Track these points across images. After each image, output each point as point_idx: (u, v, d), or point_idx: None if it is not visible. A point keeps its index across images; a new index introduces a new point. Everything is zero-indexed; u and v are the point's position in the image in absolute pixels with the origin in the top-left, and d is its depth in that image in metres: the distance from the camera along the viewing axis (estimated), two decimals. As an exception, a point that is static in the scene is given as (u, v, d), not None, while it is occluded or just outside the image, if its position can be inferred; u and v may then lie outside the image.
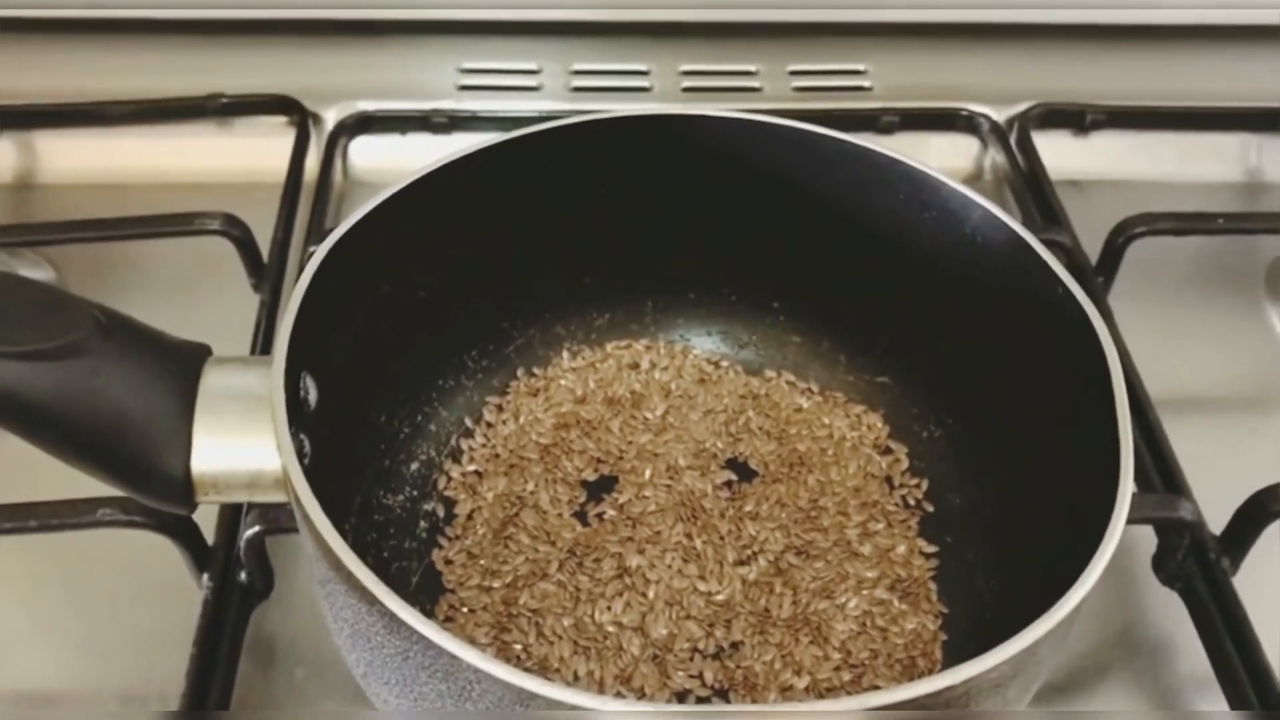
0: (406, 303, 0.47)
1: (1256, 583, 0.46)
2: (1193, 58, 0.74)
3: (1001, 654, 0.31)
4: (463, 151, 0.46)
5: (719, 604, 0.45)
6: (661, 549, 0.47)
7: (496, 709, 0.30)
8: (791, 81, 0.73)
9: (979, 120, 0.70)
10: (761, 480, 0.50)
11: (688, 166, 0.49)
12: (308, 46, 0.72)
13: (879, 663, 0.44)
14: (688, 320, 0.55)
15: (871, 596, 0.45)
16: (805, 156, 0.48)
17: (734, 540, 0.47)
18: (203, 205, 0.57)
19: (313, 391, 0.40)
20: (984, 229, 0.44)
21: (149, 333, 0.37)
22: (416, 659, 0.32)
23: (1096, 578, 0.33)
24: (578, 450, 0.50)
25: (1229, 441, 0.55)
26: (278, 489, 0.36)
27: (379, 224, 0.43)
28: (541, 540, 0.47)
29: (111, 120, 0.67)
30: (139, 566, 0.47)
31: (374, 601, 0.31)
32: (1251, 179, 0.70)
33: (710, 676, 0.43)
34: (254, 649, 0.46)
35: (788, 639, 0.44)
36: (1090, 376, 0.39)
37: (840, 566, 0.46)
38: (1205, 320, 0.61)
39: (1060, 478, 0.41)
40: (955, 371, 0.49)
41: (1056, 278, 0.42)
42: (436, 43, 0.72)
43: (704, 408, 0.52)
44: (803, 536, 0.47)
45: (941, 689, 0.30)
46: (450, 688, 0.31)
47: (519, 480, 0.49)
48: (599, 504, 0.49)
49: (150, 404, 0.35)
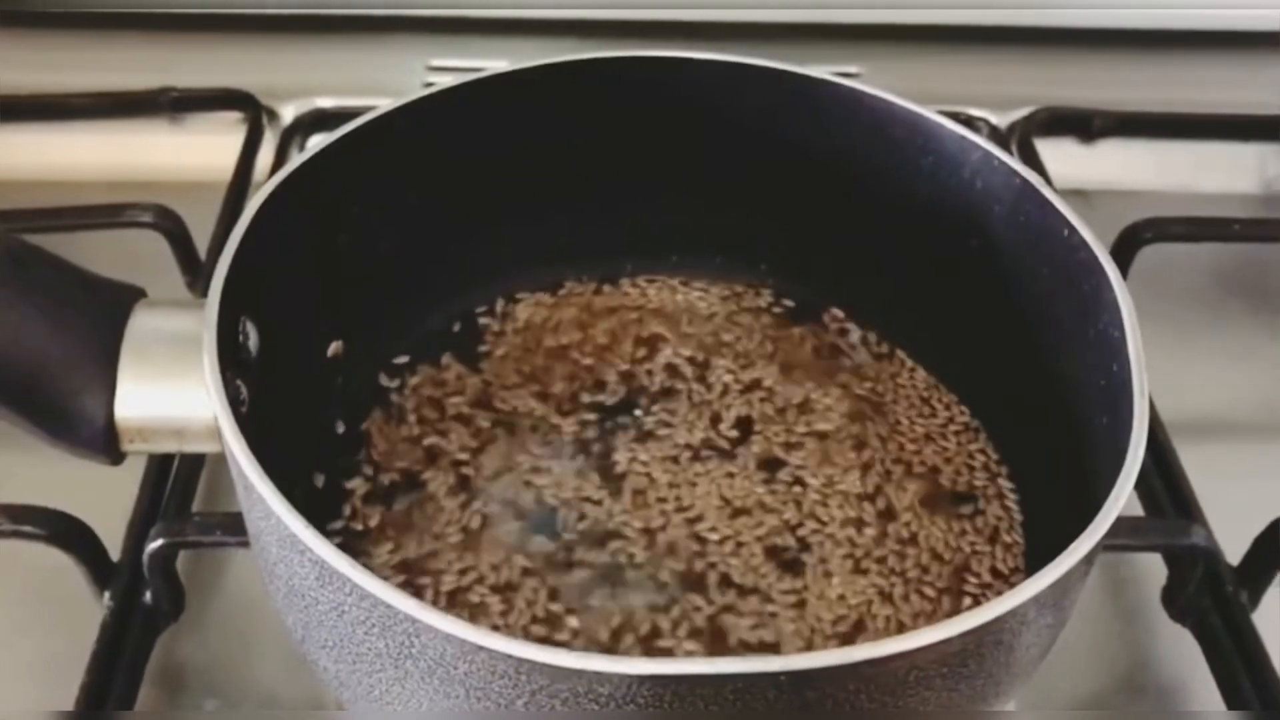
0: (363, 255, 0.44)
1: (1278, 619, 0.43)
2: (1205, 64, 0.71)
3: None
4: (426, 92, 0.44)
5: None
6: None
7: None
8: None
9: (978, 125, 0.67)
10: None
11: (670, 115, 0.47)
12: (272, 43, 0.70)
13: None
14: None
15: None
16: (795, 102, 0.46)
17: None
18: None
19: (253, 337, 0.38)
20: (984, 171, 0.43)
21: (72, 269, 0.36)
22: (351, 613, 0.30)
23: (1106, 528, 0.31)
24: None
25: (1246, 467, 0.52)
26: (209, 438, 0.35)
27: (332, 165, 0.41)
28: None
29: (59, 115, 0.66)
30: (39, 583, 0.44)
31: (304, 550, 0.30)
32: (1268, 190, 0.67)
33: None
34: (160, 677, 0.43)
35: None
36: (1101, 319, 0.37)
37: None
38: (1220, 337, 0.58)
39: (1071, 427, 0.39)
40: (958, 330, 0.46)
41: (1064, 218, 0.40)
42: (405, 40, 0.70)
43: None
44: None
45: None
46: (389, 645, 0.30)
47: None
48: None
49: (71, 343, 0.35)
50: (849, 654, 0.27)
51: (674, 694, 0.27)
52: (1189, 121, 0.67)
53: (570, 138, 0.47)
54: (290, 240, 0.39)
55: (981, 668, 0.30)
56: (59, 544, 0.41)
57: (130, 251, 0.56)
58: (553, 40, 0.70)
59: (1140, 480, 0.47)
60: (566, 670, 0.27)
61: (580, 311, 0.50)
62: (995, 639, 0.29)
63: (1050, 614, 0.31)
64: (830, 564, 0.41)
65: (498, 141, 0.46)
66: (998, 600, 0.28)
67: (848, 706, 0.27)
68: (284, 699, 0.43)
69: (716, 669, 0.26)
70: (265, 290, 0.38)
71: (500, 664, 0.27)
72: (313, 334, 0.44)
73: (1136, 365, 0.35)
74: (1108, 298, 0.37)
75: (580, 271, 0.51)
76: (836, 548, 0.42)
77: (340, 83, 0.68)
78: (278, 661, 0.43)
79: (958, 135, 0.43)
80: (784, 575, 0.41)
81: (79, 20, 0.68)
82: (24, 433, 0.35)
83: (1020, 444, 0.44)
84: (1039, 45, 0.71)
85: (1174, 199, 0.65)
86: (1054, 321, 0.41)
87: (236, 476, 0.33)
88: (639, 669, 0.26)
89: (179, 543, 0.42)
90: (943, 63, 0.70)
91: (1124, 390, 0.35)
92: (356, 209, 0.44)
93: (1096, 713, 0.44)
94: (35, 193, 0.61)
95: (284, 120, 0.67)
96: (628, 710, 0.27)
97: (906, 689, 0.28)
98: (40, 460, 0.40)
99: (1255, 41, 0.70)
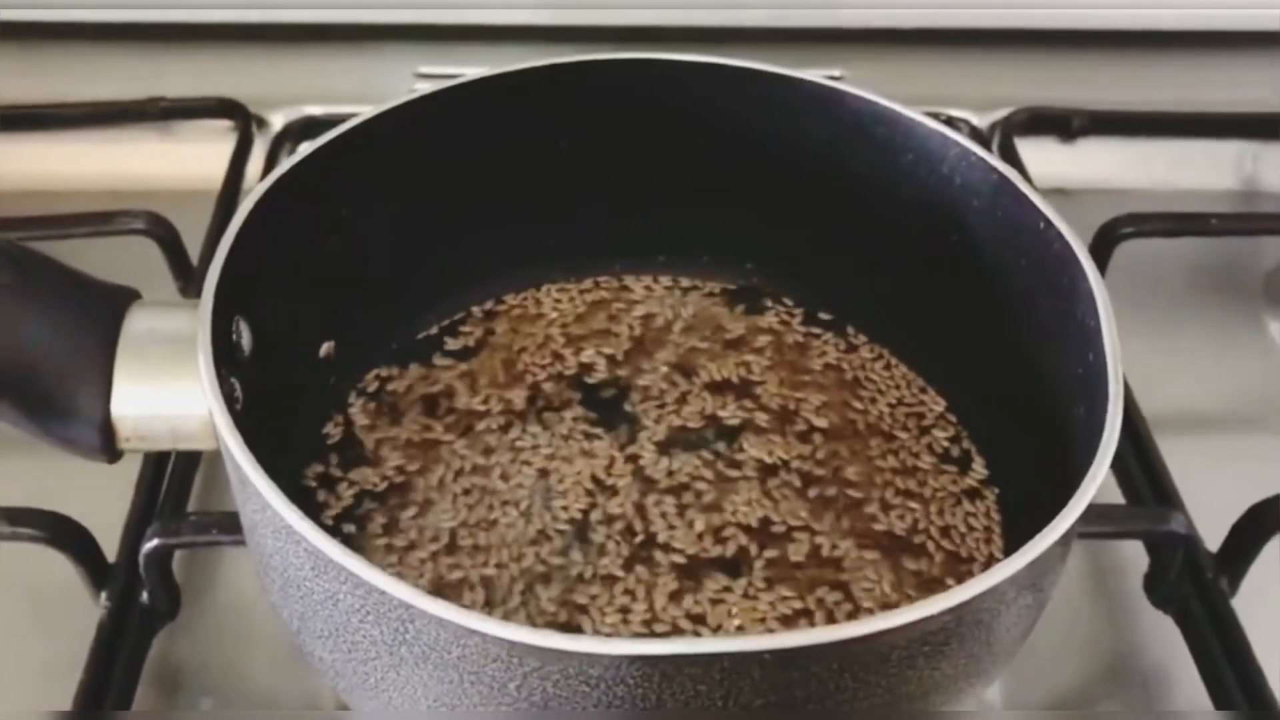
0: (354, 255, 0.45)
1: (1257, 604, 0.44)
2: (1184, 64, 0.71)
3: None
4: (416, 94, 0.44)
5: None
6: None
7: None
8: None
9: (959, 125, 0.67)
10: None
11: (653, 116, 0.47)
12: (261, 52, 0.70)
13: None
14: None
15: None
16: (777, 102, 0.46)
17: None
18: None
19: (246, 336, 0.38)
20: (961, 167, 0.43)
21: (69, 272, 0.37)
22: (346, 602, 0.30)
23: (1083, 507, 0.31)
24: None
25: (1225, 458, 0.52)
26: (205, 436, 0.35)
27: (321, 168, 0.41)
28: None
29: (50, 125, 0.66)
30: (35, 585, 0.44)
31: (299, 540, 0.30)
32: (1247, 187, 0.68)
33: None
34: (156, 677, 0.43)
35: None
36: (1078, 310, 0.38)
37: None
38: (1199, 331, 0.59)
39: (1050, 419, 0.39)
40: (938, 324, 0.47)
41: (1040, 212, 0.40)
42: (392, 47, 0.71)
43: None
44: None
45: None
46: (383, 632, 0.30)
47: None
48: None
49: (68, 343, 0.35)
50: (832, 632, 0.27)
51: (662, 674, 0.27)
52: (1167, 120, 0.67)
53: (556, 140, 0.48)
54: (282, 241, 0.40)
55: (963, 647, 0.30)
56: (56, 545, 0.41)
57: (122, 259, 0.55)
58: (538, 46, 0.68)
59: (1121, 470, 0.49)
60: (556, 652, 0.27)
61: (569, 311, 0.50)
62: (975, 618, 0.30)
63: (1030, 594, 0.32)
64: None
65: (484, 144, 0.46)
66: (977, 579, 0.28)
67: (831, 685, 0.28)
68: (280, 698, 0.43)
69: (703, 648, 0.27)
70: (258, 290, 0.38)
71: (492, 647, 0.28)
72: (305, 334, 0.44)
73: (1111, 350, 0.35)
74: (1083, 288, 0.37)
75: (568, 271, 0.51)
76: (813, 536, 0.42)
77: (329, 90, 0.68)
78: (273, 660, 0.43)
79: (937, 132, 0.44)
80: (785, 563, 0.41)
81: (69, 31, 0.68)
82: (21, 432, 0.35)
83: (1000, 436, 0.45)
84: (1018, 46, 0.71)
85: (1154, 196, 0.65)
86: (1033, 314, 0.41)
87: (232, 471, 0.33)
88: (627, 649, 0.27)
89: (175, 543, 0.42)
90: (924, 65, 0.71)
91: (1100, 379, 0.35)
92: (346, 211, 0.44)
93: (1084, 713, 0.44)
94: (27, 202, 0.61)
95: (274, 128, 0.67)
96: (618, 690, 0.27)
97: (889, 668, 0.29)
98: (34, 462, 0.40)
99: (1232, 41, 0.70)
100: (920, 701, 0.31)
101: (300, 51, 0.70)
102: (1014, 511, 0.43)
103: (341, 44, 0.70)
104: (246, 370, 0.37)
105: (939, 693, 0.31)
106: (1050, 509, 0.31)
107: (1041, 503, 0.34)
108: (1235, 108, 0.68)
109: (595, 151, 0.48)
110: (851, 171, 0.46)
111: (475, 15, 0.69)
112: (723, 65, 0.46)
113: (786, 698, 0.28)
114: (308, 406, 0.45)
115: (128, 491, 0.46)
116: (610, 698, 0.28)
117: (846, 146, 0.46)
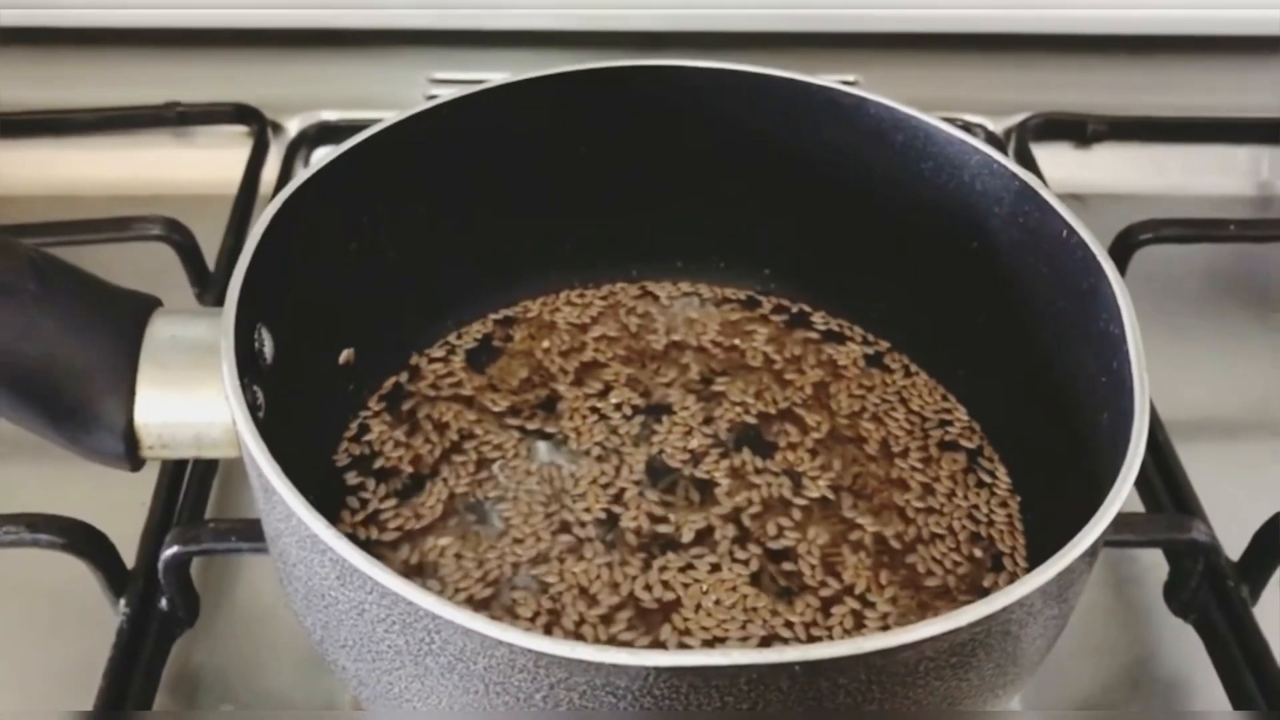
0: (374, 262, 0.45)
1: (1279, 613, 0.43)
2: (1199, 69, 0.71)
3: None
4: (435, 102, 0.44)
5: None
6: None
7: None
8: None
9: (975, 131, 0.68)
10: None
11: (672, 122, 0.47)
12: (277, 57, 0.70)
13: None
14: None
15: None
16: (796, 109, 0.46)
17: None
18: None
19: (268, 344, 0.38)
20: (983, 174, 0.43)
21: (91, 279, 0.37)
22: (372, 611, 0.30)
23: (1110, 519, 0.31)
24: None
25: (1244, 463, 0.52)
26: (228, 444, 0.35)
27: (343, 174, 0.41)
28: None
29: (67, 131, 0.66)
30: (57, 592, 0.44)
31: (325, 550, 0.30)
32: (1262, 193, 0.68)
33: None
34: (176, 683, 0.43)
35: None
36: (1101, 317, 0.37)
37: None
38: (1216, 336, 0.59)
39: (1073, 426, 0.39)
40: (959, 332, 0.47)
41: (1062, 219, 0.40)
42: (407, 53, 0.71)
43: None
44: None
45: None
46: (409, 642, 0.30)
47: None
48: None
49: (91, 351, 0.35)
50: (861, 644, 0.27)
51: (689, 685, 0.27)
52: (1183, 125, 0.68)
53: (574, 146, 0.48)
54: (303, 249, 0.40)
55: (989, 658, 0.30)
56: (76, 552, 0.41)
57: (138, 264, 0.55)
58: (554, 51, 0.70)
59: (1140, 478, 0.48)
60: (584, 663, 0.27)
61: (586, 316, 0.50)
62: (1002, 630, 0.29)
63: (1055, 606, 0.32)
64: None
65: (503, 150, 0.47)
66: (1004, 591, 0.28)
67: (859, 696, 0.28)
68: (298, 703, 0.43)
69: (731, 660, 0.27)
70: (279, 298, 0.38)
71: (520, 658, 0.27)
72: (325, 341, 0.44)
73: (1136, 360, 0.35)
74: (1106, 295, 0.37)
75: (586, 276, 0.51)
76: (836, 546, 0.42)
77: (344, 96, 0.68)
78: (291, 666, 0.43)
79: (957, 139, 0.44)
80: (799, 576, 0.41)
81: (86, 37, 0.68)
82: (44, 440, 0.35)
83: (1022, 444, 0.44)
84: (1034, 52, 0.71)
85: (1169, 201, 0.65)
86: (1054, 321, 0.41)
87: (255, 480, 0.33)
88: (655, 661, 0.27)
89: (193, 550, 0.42)
90: (939, 70, 0.71)
91: (1124, 386, 0.35)
92: (365, 219, 0.44)
93: (1099, 713, 0.44)
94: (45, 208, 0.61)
95: (289, 133, 0.67)
96: (644, 702, 0.27)
97: (917, 679, 0.29)
98: (54, 470, 0.41)
99: (1247, 46, 0.70)
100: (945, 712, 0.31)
101: (316, 57, 0.70)
102: (1037, 519, 0.43)
103: (357, 49, 0.70)
104: (268, 378, 0.37)
105: (964, 703, 0.31)
106: (1073, 517, 0.31)
107: (1065, 511, 0.34)
108: (1249, 113, 0.68)
109: (612, 158, 0.48)
110: (870, 178, 0.46)
111: (490, 21, 0.69)
112: (742, 71, 0.46)
113: (814, 709, 0.28)
114: (328, 413, 0.45)
115: (146, 498, 0.46)
116: (637, 709, 0.27)
117: (865, 153, 0.46)
